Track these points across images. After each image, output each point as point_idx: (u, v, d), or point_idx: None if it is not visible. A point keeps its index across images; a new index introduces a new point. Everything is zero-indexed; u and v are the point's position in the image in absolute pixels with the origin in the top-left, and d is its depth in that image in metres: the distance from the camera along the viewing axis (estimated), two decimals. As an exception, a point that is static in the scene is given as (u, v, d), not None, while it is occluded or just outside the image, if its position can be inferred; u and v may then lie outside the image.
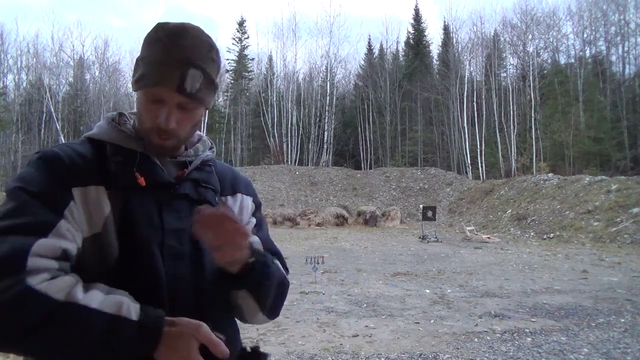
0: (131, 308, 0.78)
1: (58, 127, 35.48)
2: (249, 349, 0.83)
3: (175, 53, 0.90)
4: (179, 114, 0.93)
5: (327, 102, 40.16)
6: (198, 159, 1.03)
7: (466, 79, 35.91)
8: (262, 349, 0.89)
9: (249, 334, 4.51)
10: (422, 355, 4.19)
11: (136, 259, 0.88)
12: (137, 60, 0.95)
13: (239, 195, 1.11)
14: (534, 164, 30.09)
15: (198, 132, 1.09)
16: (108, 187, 0.90)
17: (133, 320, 0.77)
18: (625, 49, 36.02)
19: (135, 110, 1.07)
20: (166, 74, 0.90)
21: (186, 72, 0.90)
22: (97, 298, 0.77)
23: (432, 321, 5.32)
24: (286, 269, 1.13)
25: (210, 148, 1.10)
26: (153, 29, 0.94)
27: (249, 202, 1.13)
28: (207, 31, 0.99)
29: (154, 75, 0.90)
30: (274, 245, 1.14)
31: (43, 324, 0.72)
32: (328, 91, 40.50)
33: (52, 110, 35.55)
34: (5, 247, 0.75)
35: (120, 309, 0.77)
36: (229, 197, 1.08)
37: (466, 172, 33.01)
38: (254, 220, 1.13)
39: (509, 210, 19.22)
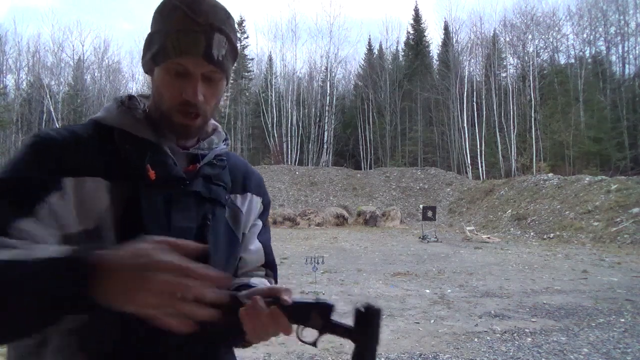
0: (52, 249, 0.64)
1: (58, 127, 35.52)
2: (362, 309, 0.76)
3: (198, 18, 0.83)
4: (204, 87, 0.86)
5: (327, 102, 40.15)
6: (211, 152, 0.96)
7: (466, 79, 35.90)
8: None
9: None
10: (422, 355, 4.19)
11: None
12: (151, 35, 0.88)
13: (248, 194, 1.03)
14: (534, 164, 30.10)
15: (213, 121, 1.01)
16: (111, 178, 0.82)
17: (50, 258, 0.62)
18: (625, 49, 36.03)
19: (145, 93, 0.99)
20: (191, 41, 0.82)
21: (212, 38, 0.84)
22: (12, 252, 0.64)
23: (432, 321, 5.33)
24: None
25: (225, 140, 1.02)
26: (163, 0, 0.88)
27: (257, 203, 1.05)
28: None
29: (177, 44, 0.82)
30: (272, 255, 1.08)
31: None
32: (328, 91, 40.50)
33: (52, 110, 35.55)
34: None
35: (35, 253, 0.63)
36: (238, 196, 1.00)
37: (466, 172, 33.00)
38: (259, 224, 1.05)
39: (509, 210, 19.21)
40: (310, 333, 0.78)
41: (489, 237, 15.14)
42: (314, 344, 0.80)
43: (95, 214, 0.80)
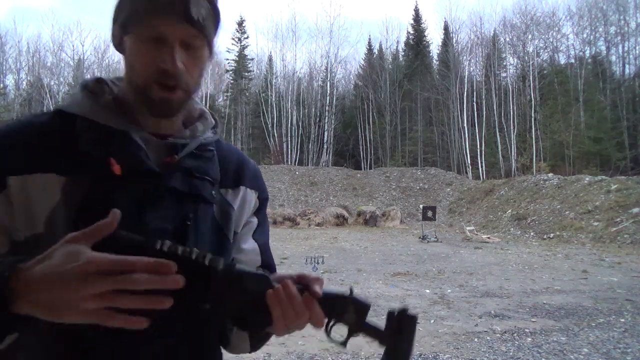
0: None
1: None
2: (395, 313, 0.70)
3: None
4: (183, 55, 0.74)
5: (327, 102, 40.16)
6: (194, 142, 0.82)
7: (466, 79, 35.91)
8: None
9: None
10: (422, 355, 4.18)
11: None
12: (119, 2, 0.77)
13: (241, 188, 0.90)
14: (534, 164, 30.10)
15: (200, 105, 0.90)
16: (67, 174, 0.71)
17: None
18: (625, 49, 36.06)
19: (119, 75, 0.86)
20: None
21: None
22: None
23: (432, 321, 5.32)
24: None
25: (214, 127, 0.89)
26: None
27: (252, 197, 0.92)
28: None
29: (149, 3, 0.71)
30: (270, 255, 0.96)
31: None
32: (328, 91, 40.50)
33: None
34: None
35: None
36: (229, 191, 0.88)
37: (466, 172, 33.00)
38: (254, 221, 0.92)
39: (509, 210, 19.21)
40: (337, 331, 0.70)
41: (489, 237, 15.13)
42: (344, 344, 0.71)
43: (45, 216, 0.70)
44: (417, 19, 46.28)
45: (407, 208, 24.14)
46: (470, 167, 33.18)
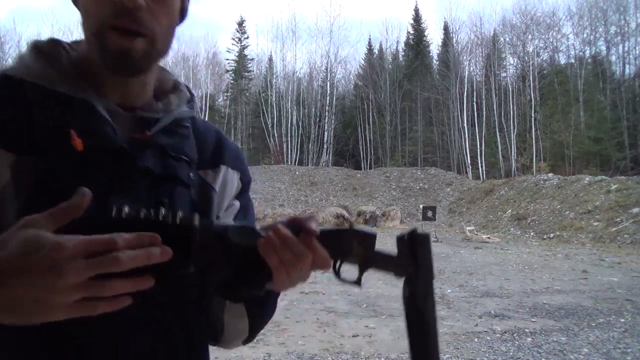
0: None
1: None
2: (405, 237, 0.63)
3: None
4: None
5: (327, 102, 40.18)
6: (168, 116, 0.71)
7: (466, 79, 35.93)
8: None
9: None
10: (422, 355, 4.19)
11: None
12: None
13: (222, 168, 0.79)
14: (534, 164, 30.12)
15: (173, 76, 0.80)
16: (17, 150, 0.60)
17: None
18: (625, 49, 36.07)
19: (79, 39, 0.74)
20: None
21: None
22: None
23: (432, 321, 5.33)
24: None
25: (189, 101, 0.78)
26: None
27: (234, 178, 0.81)
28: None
29: None
30: None
31: None
32: (328, 91, 40.52)
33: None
34: None
35: None
36: (209, 172, 0.77)
37: (466, 172, 33.02)
38: (236, 205, 0.81)
39: (509, 210, 19.21)
40: (345, 270, 0.64)
41: (489, 237, 15.14)
42: (358, 282, 0.66)
43: None
44: (417, 19, 46.31)
45: (407, 208, 24.14)
46: (470, 167, 33.21)
